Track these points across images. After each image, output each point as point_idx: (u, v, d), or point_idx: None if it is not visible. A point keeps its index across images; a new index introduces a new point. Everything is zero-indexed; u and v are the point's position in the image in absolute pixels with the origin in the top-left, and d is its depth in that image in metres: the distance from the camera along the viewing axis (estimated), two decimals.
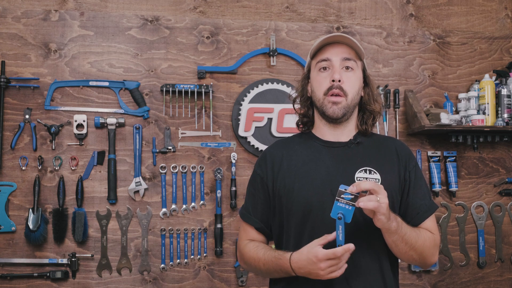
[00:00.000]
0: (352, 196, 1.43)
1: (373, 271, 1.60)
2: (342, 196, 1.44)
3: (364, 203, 1.42)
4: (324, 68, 1.69)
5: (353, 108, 1.70)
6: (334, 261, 1.45)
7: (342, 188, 1.45)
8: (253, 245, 1.71)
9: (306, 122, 1.80)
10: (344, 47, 1.69)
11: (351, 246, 1.44)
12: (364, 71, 1.75)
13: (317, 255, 1.46)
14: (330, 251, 1.44)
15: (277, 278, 1.69)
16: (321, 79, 1.68)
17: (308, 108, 1.78)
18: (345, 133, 1.72)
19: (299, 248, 1.60)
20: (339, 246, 1.45)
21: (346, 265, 1.48)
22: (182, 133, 2.77)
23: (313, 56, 1.74)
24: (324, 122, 1.72)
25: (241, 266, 1.80)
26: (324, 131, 1.73)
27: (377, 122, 2.86)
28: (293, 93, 1.85)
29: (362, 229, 1.58)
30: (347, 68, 1.68)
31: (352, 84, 1.67)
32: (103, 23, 2.76)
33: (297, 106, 1.84)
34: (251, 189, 1.77)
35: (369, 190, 1.45)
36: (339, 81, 1.64)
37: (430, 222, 1.68)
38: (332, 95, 1.65)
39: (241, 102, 2.79)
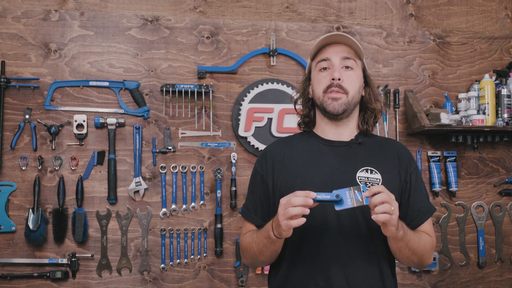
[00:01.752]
0: (361, 200, 1.40)
1: (372, 272, 1.61)
2: (355, 191, 1.41)
3: (376, 216, 1.40)
4: (324, 68, 1.70)
5: (353, 106, 1.70)
6: (289, 203, 1.41)
7: (362, 187, 1.42)
8: (248, 234, 1.72)
9: (307, 122, 1.80)
10: (343, 46, 1.70)
11: (311, 194, 1.40)
12: (364, 70, 1.75)
13: (280, 205, 1.45)
14: (289, 198, 1.42)
15: (273, 271, 1.70)
16: (321, 78, 1.69)
17: (310, 110, 1.79)
18: (347, 132, 1.73)
19: (299, 246, 1.60)
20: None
21: (304, 219, 1.41)
22: (182, 133, 2.77)
23: (313, 57, 1.75)
24: (326, 121, 1.73)
25: (242, 261, 1.79)
26: (325, 130, 1.74)
27: (377, 122, 2.88)
28: (295, 95, 1.86)
29: (362, 230, 1.59)
30: (347, 67, 1.69)
31: (352, 83, 1.68)
32: (103, 23, 2.76)
33: (298, 107, 1.84)
34: (251, 187, 1.78)
35: (382, 202, 1.42)
36: (339, 79, 1.65)
37: (428, 224, 1.71)
38: (331, 92, 1.66)
39: (241, 102, 2.79)
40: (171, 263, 2.71)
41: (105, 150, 2.70)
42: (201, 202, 2.76)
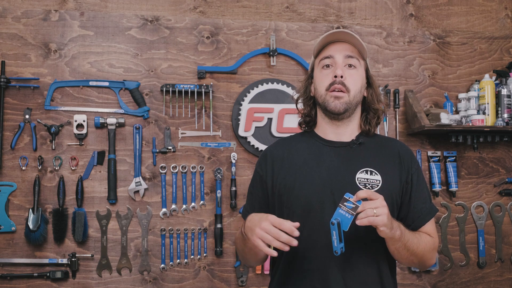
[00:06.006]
0: (354, 206, 1.42)
1: (371, 275, 1.59)
2: (345, 203, 1.43)
3: (360, 220, 1.41)
4: (327, 66, 1.69)
5: (355, 105, 1.69)
6: (273, 229, 1.44)
7: (346, 196, 1.44)
8: (238, 232, 1.74)
9: (308, 121, 1.79)
10: (347, 45, 1.69)
11: (296, 224, 1.44)
12: (367, 71, 1.74)
13: (268, 216, 1.47)
14: (280, 220, 1.45)
15: (271, 274, 1.70)
16: (324, 76, 1.68)
17: (311, 108, 1.78)
18: (348, 132, 1.71)
19: (296, 249, 1.59)
20: (334, 252, 1.44)
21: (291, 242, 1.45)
22: (182, 133, 2.77)
23: (317, 55, 1.74)
24: (327, 120, 1.72)
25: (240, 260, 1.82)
26: (326, 130, 1.72)
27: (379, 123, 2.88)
28: (295, 95, 1.85)
29: (361, 233, 1.57)
30: (350, 65, 1.68)
31: (354, 81, 1.67)
32: (103, 23, 2.76)
33: (300, 106, 1.84)
34: (251, 188, 1.78)
35: (367, 198, 1.44)
36: (342, 77, 1.64)
37: (430, 225, 1.69)
38: (334, 90, 1.65)
39: (241, 102, 2.79)
40: (171, 263, 2.71)
41: (105, 150, 2.70)
42: (201, 202, 2.76)
